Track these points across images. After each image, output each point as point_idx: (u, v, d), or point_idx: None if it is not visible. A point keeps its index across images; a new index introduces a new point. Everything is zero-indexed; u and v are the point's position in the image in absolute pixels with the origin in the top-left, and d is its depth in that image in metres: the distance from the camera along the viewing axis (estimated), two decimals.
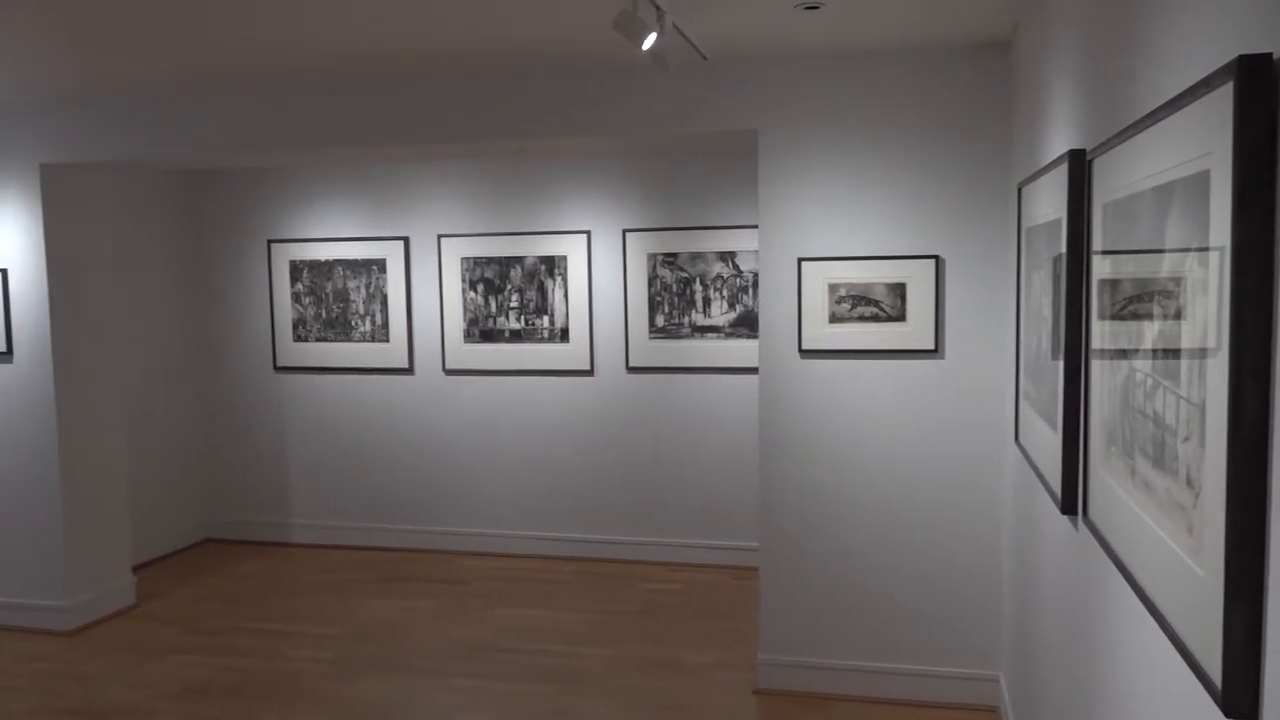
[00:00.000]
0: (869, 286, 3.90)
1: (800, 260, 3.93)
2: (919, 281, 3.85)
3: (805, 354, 3.97)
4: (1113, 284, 1.83)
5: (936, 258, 3.83)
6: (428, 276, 6.06)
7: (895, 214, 3.87)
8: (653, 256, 5.69)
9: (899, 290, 3.87)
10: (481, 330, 5.97)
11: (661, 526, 5.83)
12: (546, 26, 3.54)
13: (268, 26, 3.52)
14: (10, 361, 4.84)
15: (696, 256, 5.63)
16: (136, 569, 5.59)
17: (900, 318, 3.88)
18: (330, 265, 6.18)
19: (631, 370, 5.78)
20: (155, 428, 6.11)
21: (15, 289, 4.81)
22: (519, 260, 5.89)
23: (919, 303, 3.85)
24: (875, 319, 3.90)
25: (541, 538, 5.99)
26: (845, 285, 3.91)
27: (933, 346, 3.86)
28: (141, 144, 4.63)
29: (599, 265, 5.79)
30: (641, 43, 2.99)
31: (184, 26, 3.55)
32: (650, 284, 5.70)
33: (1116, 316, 1.80)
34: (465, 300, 5.98)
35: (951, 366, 3.86)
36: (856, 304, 3.91)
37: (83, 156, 4.70)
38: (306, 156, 4.99)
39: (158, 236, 6.16)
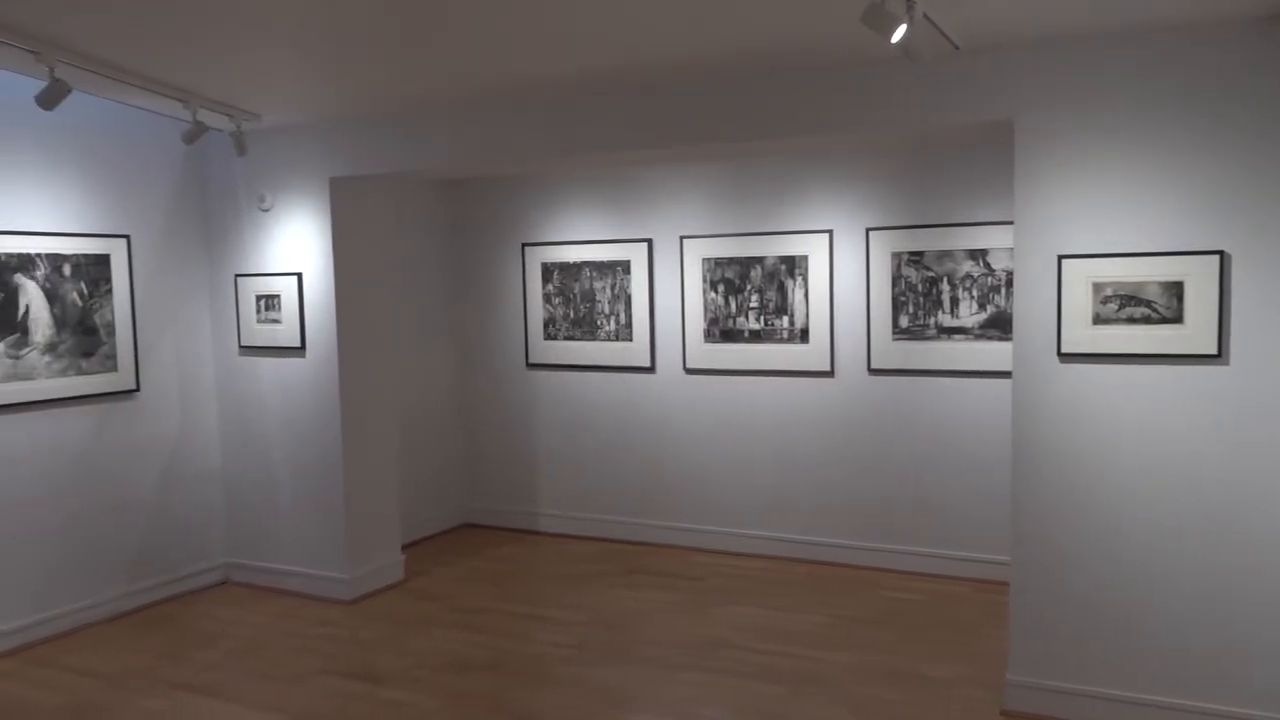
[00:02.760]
0: (1139, 285, 3.59)
1: (1060, 257, 3.68)
2: (1199, 279, 3.50)
3: (1065, 358, 3.72)
4: None
5: (1221, 253, 3.47)
6: (670, 277, 6.19)
7: (1171, 206, 3.54)
8: (897, 255, 5.52)
9: (1175, 289, 3.54)
10: (721, 330, 6.03)
11: (900, 533, 5.65)
12: (795, 25, 3.53)
13: (532, 50, 3.74)
14: (304, 357, 5.42)
15: (944, 255, 5.41)
16: (403, 549, 6.08)
17: (1176, 319, 3.54)
18: (578, 267, 6.46)
19: (873, 372, 5.64)
20: (421, 419, 6.63)
21: (308, 291, 5.37)
22: (759, 260, 5.89)
23: (1199, 303, 3.50)
24: (1146, 320, 3.59)
25: (776, 538, 5.97)
26: (1112, 284, 3.62)
27: (1215, 351, 3.49)
28: (416, 156, 5.03)
29: (840, 264, 5.69)
30: (891, 36, 2.92)
31: (460, 54, 3.84)
32: (894, 283, 5.54)
33: None
34: (706, 300, 6.06)
35: (1239, 373, 3.48)
36: (1125, 304, 3.61)
37: (366, 169, 5.18)
38: (559, 163, 5.25)
39: (424, 242, 6.69)
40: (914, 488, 5.60)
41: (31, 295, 4.78)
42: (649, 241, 6.21)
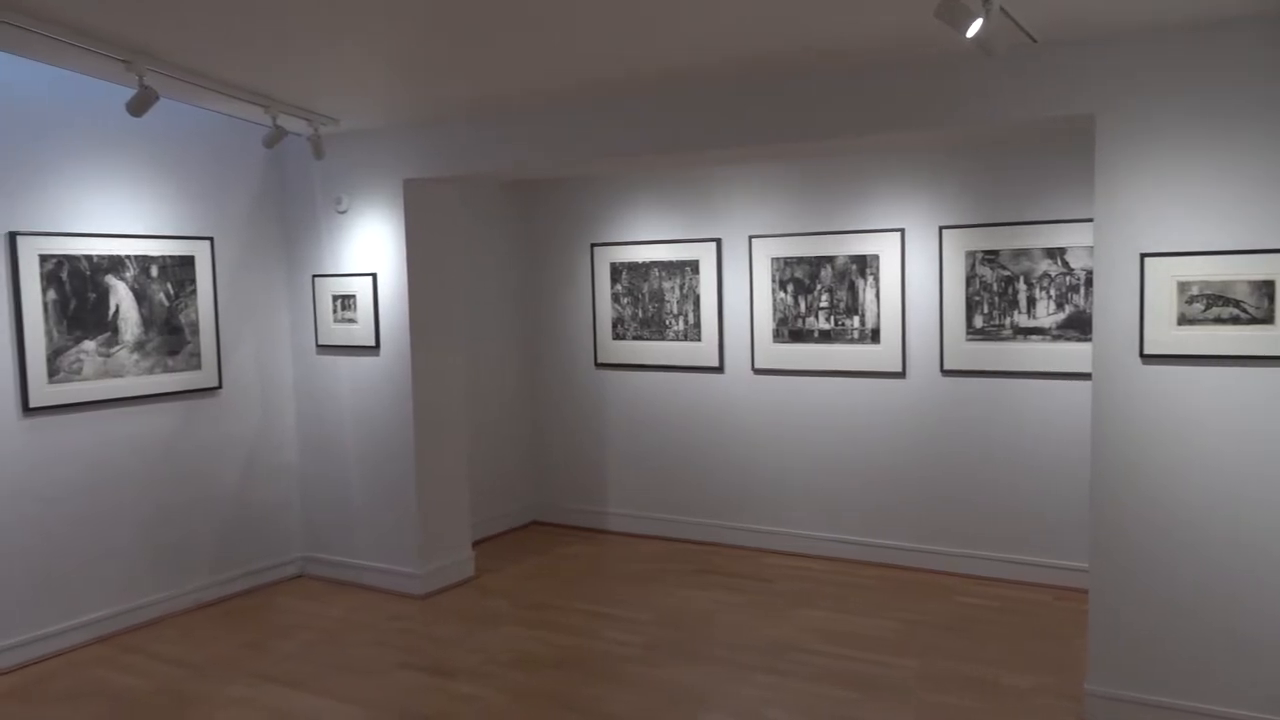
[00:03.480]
0: (1227, 284, 3.47)
1: (1143, 256, 3.58)
2: None
3: (1147, 359, 3.61)
4: None
5: None
6: (738, 277, 6.17)
7: (1261, 202, 3.40)
8: (971, 254, 5.42)
9: (1266, 289, 3.41)
10: (791, 330, 5.99)
11: (974, 538, 5.54)
12: (868, 21, 3.49)
13: (602, 49, 3.76)
14: (378, 356, 5.53)
15: (1020, 253, 5.29)
16: (474, 545, 6.16)
17: (1267, 319, 3.41)
18: (647, 267, 6.47)
19: (946, 373, 5.54)
20: (491, 417, 6.72)
21: (383, 291, 5.48)
22: (829, 260, 5.84)
23: None
24: (1235, 321, 3.46)
25: (846, 541, 5.91)
26: (1198, 283, 3.51)
27: None
28: (488, 158, 5.09)
29: (913, 264, 5.61)
30: (966, 30, 2.87)
31: (532, 56, 3.88)
32: (968, 283, 5.44)
33: None
34: (775, 300, 6.02)
35: None
36: (1211, 304, 3.49)
37: (439, 171, 5.26)
38: (630, 164, 5.27)
39: (495, 242, 6.77)
40: (989, 491, 5.49)
41: (121, 295, 4.96)
42: (718, 241, 6.20)
